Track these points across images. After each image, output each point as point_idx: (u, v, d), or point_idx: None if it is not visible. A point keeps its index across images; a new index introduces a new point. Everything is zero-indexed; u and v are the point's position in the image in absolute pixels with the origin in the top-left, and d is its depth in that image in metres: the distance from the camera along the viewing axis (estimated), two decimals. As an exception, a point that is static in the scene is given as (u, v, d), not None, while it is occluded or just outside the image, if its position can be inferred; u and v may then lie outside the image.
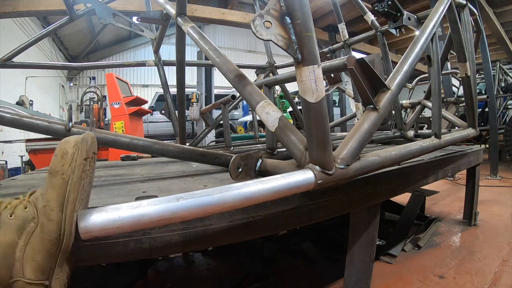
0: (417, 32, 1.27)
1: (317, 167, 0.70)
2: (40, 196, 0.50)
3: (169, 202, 0.54)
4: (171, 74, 1.91)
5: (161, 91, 6.34)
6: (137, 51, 11.57)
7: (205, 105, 4.67)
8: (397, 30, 1.56)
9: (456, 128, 1.80)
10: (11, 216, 0.48)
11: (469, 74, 1.56)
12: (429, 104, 1.96)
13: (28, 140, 4.05)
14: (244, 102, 6.42)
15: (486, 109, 4.55)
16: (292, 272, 1.39)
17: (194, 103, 5.37)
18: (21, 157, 5.09)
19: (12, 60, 1.95)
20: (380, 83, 0.89)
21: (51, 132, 1.02)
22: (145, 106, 5.98)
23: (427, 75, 3.20)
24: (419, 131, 2.01)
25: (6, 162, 5.12)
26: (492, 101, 3.78)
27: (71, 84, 10.77)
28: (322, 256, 1.47)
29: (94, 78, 9.48)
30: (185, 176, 1.17)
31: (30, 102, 6.58)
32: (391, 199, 1.87)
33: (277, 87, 3.96)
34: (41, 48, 7.61)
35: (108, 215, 0.51)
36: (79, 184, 0.50)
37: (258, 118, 1.00)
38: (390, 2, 1.45)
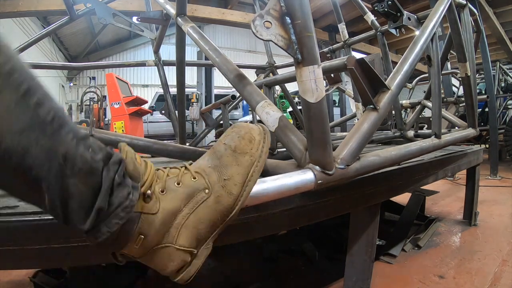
0: (417, 32, 1.27)
1: (317, 167, 0.70)
2: (212, 170, 0.52)
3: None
4: (171, 74, 1.91)
5: (161, 91, 6.34)
6: (137, 51, 11.58)
7: (205, 105, 4.67)
8: (397, 30, 1.56)
9: (456, 128, 1.80)
10: (178, 184, 0.50)
11: (469, 74, 1.56)
12: (429, 104, 1.96)
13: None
14: (244, 102, 6.42)
15: (486, 109, 4.55)
16: (292, 272, 1.39)
17: (194, 103, 5.38)
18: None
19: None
20: (380, 83, 0.89)
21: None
22: (145, 106, 5.98)
23: (427, 75, 3.21)
24: (419, 131, 2.01)
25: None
26: (492, 101, 3.77)
27: (71, 84, 10.78)
28: (322, 256, 1.48)
29: (94, 78, 9.49)
30: (185, 176, 1.17)
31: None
32: (391, 199, 1.88)
33: (277, 87, 3.96)
34: (41, 48, 7.61)
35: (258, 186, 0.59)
36: (261, 168, 0.56)
37: (258, 118, 1.00)
38: (390, 2, 1.45)
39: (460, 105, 2.84)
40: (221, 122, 2.21)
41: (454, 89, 4.69)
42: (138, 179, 0.48)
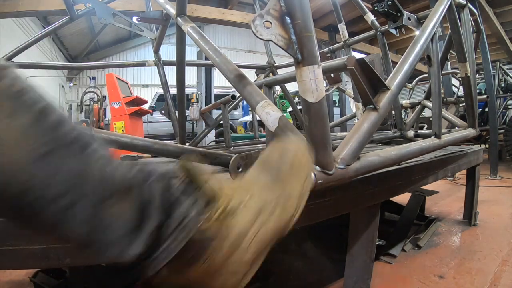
0: (417, 32, 1.27)
1: (317, 167, 0.70)
2: (273, 185, 0.53)
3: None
4: (171, 74, 1.91)
5: (161, 91, 6.34)
6: (137, 51, 11.57)
7: (205, 105, 4.67)
8: (397, 30, 1.56)
9: (456, 128, 1.80)
10: (246, 201, 0.49)
11: (469, 74, 1.56)
12: (429, 104, 1.96)
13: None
14: (244, 102, 6.42)
15: (486, 109, 4.55)
16: (292, 272, 1.39)
17: (194, 103, 5.37)
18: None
19: (12, 60, 1.95)
20: (380, 83, 0.89)
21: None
22: (145, 106, 5.98)
23: (427, 75, 3.21)
24: (419, 131, 2.01)
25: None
26: (492, 101, 3.77)
27: (71, 84, 10.77)
28: (322, 256, 1.48)
29: (94, 78, 9.49)
30: (185, 176, 1.17)
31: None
32: (391, 199, 1.87)
33: (277, 87, 3.96)
34: (41, 48, 7.61)
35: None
36: (311, 177, 0.61)
37: (258, 118, 1.00)
38: (390, 2, 1.45)
39: (460, 105, 2.84)
40: (221, 122, 2.21)
41: (454, 89, 4.70)
42: (204, 196, 0.45)
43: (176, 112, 1.94)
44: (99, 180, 0.37)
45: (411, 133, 1.95)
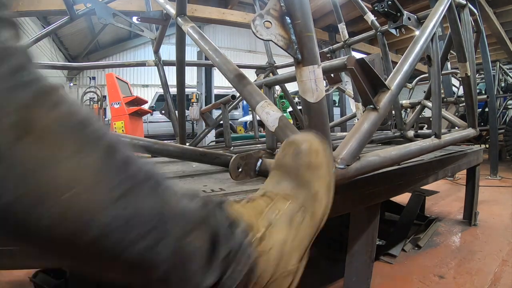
0: (417, 32, 1.27)
1: (317, 167, 0.70)
2: (297, 191, 0.53)
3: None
4: (171, 74, 1.91)
5: (161, 91, 6.34)
6: (137, 51, 11.57)
7: (205, 105, 4.67)
8: (397, 30, 1.56)
9: (456, 128, 1.80)
10: (278, 213, 0.49)
11: (469, 74, 1.56)
12: (429, 104, 1.96)
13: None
14: (244, 102, 6.42)
15: (486, 109, 4.55)
16: (292, 272, 1.39)
17: (194, 103, 5.37)
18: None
19: (12, 60, 1.95)
20: (380, 83, 0.89)
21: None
22: (145, 106, 5.99)
23: (427, 75, 3.21)
24: (419, 131, 2.01)
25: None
26: (492, 101, 3.77)
27: (71, 84, 10.77)
28: (322, 256, 1.48)
29: (94, 78, 9.48)
30: (185, 176, 1.17)
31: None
32: (391, 199, 1.87)
33: (277, 87, 3.96)
34: (41, 48, 7.61)
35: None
36: (332, 173, 0.58)
37: (258, 118, 1.00)
38: (390, 2, 1.45)
39: (460, 105, 2.84)
40: (221, 122, 2.21)
41: (454, 89, 4.69)
42: (244, 225, 0.45)
43: (176, 112, 1.94)
44: (178, 216, 0.36)
45: (411, 133, 1.95)
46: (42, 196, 0.27)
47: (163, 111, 2.29)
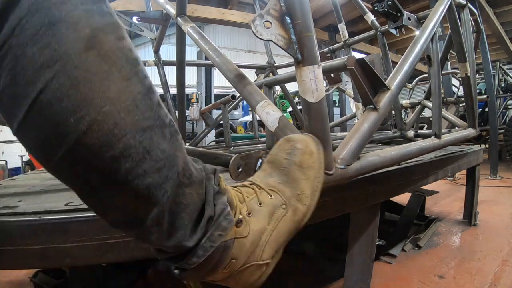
0: (417, 32, 1.27)
1: (317, 167, 0.70)
2: (284, 186, 0.55)
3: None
4: (171, 74, 1.91)
5: (161, 91, 6.33)
6: (137, 51, 11.56)
7: (205, 105, 4.67)
8: (397, 30, 1.56)
9: (456, 128, 1.80)
10: (260, 204, 0.51)
11: (469, 74, 1.56)
12: (429, 104, 1.96)
13: (28, 140, 4.04)
14: (244, 102, 6.42)
15: (486, 109, 4.55)
16: (292, 272, 1.39)
17: (194, 103, 5.37)
18: (21, 157, 5.09)
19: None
20: (380, 83, 0.89)
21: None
22: (145, 106, 5.96)
23: (427, 75, 3.21)
24: (419, 131, 2.01)
25: (6, 162, 5.12)
26: (492, 101, 3.77)
27: (71, 84, 10.76)
28: (322, 256, 1.48)
29: (94, 78, 9.47)
30: (185, 176, 1.17)
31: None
32: (391, 199, 1.88)
33: (277, 87, 3.96)
34: (41, 48, 7.61)
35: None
36: (322, 177, 0.60)
37: (258, 118, 1.00)
38: (390, 2, 1.45)
39: (460, 105, 2.84)
40: (221, 122, 2.21)
41: (454, 89, 4.69)
42: (229, 200, 0.48)
43: (176, 112, 1.94)
44: (183, 167, 0.39)
45: (411, 133, 1.95)
46: (89, 101, 0.30)
47: (163, 111, 2.28)
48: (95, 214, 0.39)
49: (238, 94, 2.03)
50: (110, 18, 0.34)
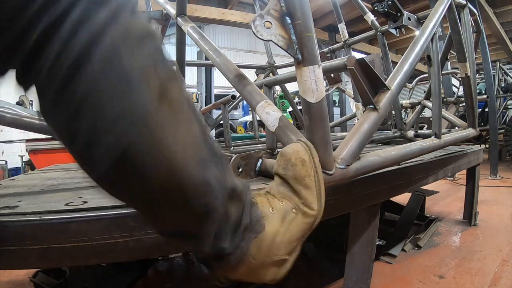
0: (417, 32, 1.27)
1: (317, 167, 0.70)
2: (291, 194, 0.62)
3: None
4: (171, 74, 1.90)
5: (161, 91, 6.32)
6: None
7: (205, 105, 4.67)
8: (397, 30, 1.56)
9: (456, 128, 1.80)
10: (272, 210, 0.58)
11: (469, 74, 1.56)
12: (429, 104, 1.96)
13: (28, 140, 4.04)
14: (244, 102, 6.42)
15: (486, 109, 4.55)
16: (292, 272, 1.39)
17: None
18: (21, 157, 5.08)
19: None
20: (380, 83, 0.89)
21: (52, 132, 1.02)
22: (145, 106, 5.97)
23: (427, 75, 3.21)
24: (419, 131, 2.01)
25: (6, 162, 5.11)
26: (492, 101, 3.77)
27: (71, 84, 10.77)
28: (322, 256, 1.48)
29: (94, 78, 9.47)
30: (185, 176, 1.17)
31: (30, 102, 6.58)
32: (391, 199, 1.88)
33: (277, 87, 3.96)
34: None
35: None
36: (322, 177, 0.63)
37: (258, 118, 1.00)
38: (390, 2, 1.45)
39: (460, 105, 2.84)
40: (221, 122, 2.21)
41: (454, 89, 4.69)
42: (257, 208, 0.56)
43: (176, 112, 1.94)
44: (230, 187, 0.46)
45: (411, 133, 1.95)
46: (161, 148, 0.34)
47: (163, 111, 2.28)
48: (95, 214, 0.41)
49: (238, 94, 2.03)
50: (171, 67, 0.37)
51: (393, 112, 1.99)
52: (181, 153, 0.36)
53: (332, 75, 1.68)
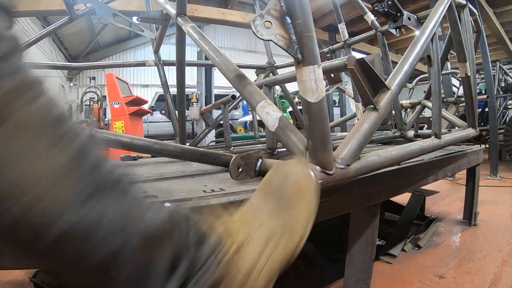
0: (417, 32, 1.27)
1: (318, 167, 0.70)
2: (278, 214, 0.54)
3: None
4: (171, 74, 1.91)
5: (161, 91, 6.33)
6: (137, 51, 11.56)
7: (205, 105, 4.67)
8: (397, 30, 1.56)
9: (456, 128, 1.80)
10: (255, 231, 0.50)
11: (469, 74, 1.56)
12: (429, 104, 1.96)
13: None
14: (244, 102, 6.42)
15: (486, 109, 4.55)
16: (292, 272, 1.39)
17: (194, 103, 5.37)
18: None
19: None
20: (380, 83, 0.89)
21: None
22: (145, 106, 5.98)
23: (427, 75, 3.21)
24: (419, 131, 2.01)
25: (6, 162, 5.10)
26: (492, 101, 3.77)
27: (71, 84, 10.77)
28: (322, 256, 1.48)
29: (94, 78, 9.48)
30: (185, 176, 1.17)
31: None
32: (391, 199, 1.88)
33: (277, 87, 3.96)
34: (41, 48, 7.61)
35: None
36: (317, 200, 0.58)
37: (258, 118, 1.00)
38: (390, 2, 1.45)
39: (460, 105, 2.84)
40: (221, 122, 2.21)
41: (454, 89, 4.69)
42: (216, 237, 0.46)
43: (176, 112, 1.94)
44: (144, 226, 0.35)
45: (411, 133, 1.95)
46: (8, 190, 0.26)
47: (163, 111, 2.29)
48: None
49: (238, 94, 2.03)
50: (18, 77, 0.28)
51: (393, 112, 1.99)
52: (40, 190, 0.27)
53: (332, 75, 1.68)
